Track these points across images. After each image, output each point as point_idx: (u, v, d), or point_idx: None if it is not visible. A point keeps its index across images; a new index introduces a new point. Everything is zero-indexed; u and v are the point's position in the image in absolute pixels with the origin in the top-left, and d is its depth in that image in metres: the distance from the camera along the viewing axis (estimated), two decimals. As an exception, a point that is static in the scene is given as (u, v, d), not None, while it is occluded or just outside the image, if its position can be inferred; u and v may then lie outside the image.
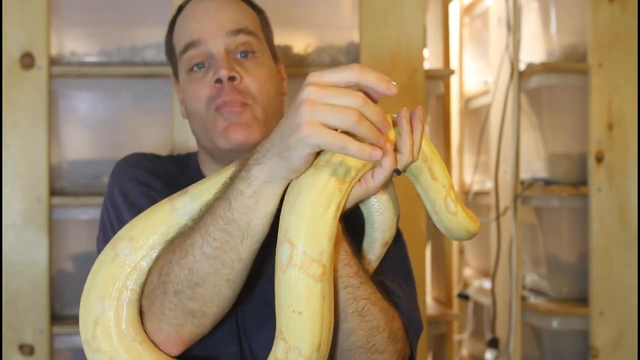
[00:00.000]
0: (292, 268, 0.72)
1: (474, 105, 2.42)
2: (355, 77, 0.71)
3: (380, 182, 0.77)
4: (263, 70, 1.04)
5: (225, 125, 1.00)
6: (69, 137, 1.74)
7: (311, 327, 0.73)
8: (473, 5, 2.39)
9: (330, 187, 0.73)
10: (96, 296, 0.80)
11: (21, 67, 1.64)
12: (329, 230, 0.74)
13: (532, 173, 2.02)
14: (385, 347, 0.87)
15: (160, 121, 1.74)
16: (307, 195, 0.73)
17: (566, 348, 1.92)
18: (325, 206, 0.73)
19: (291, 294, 0.73)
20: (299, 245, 0.72)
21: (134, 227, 0.83)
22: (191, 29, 1.04)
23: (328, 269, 0.74)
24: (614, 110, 1.85)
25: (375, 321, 0.86)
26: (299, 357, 0.74)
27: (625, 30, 1.84)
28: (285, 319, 0.74)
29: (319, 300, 0.73)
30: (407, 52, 1.72)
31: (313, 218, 0.73)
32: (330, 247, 0.74)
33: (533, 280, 2.06)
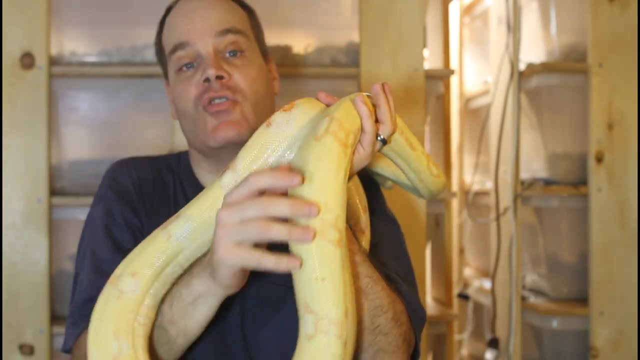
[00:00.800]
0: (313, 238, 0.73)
1: (474, 105, 2.42)
2: (252, 188, 0.74)
3: (370, 147, 0.82)
4: (252, 68, 1.04)
5: (215, 124, 1.00)
6: (69, 137, 1.74)
7: (336, 292, 0.74)
8: (473, 5, 2.40)
9: (336, 153, 0.76)
10: (109, 335, 0.79)
11: (21, 67, 1.64)
12: (341, 195, 0.76)
13: (532, 173, 2.02)
14: (389, 328, 0.87)
15: (160, 121, 1.73)
16: (315, 164, 0.75)
17: (566, 348, 1.92)
18: (335, 172, 0.76)
19: (315, 261, 0.74)
20: (318, 215, 0.74)
21: (132, 262, 0.82)
22: (180, 30, 1.04)
23: (344, 234, 0.76)
24: (614, 110, 1.85)
25: (378, 300, 0.86)
26: (330, 324, 0.73)
27: (625, 30, 1.84)
28: (309, 290, 0.74)
29: (339, 265, 0.75)
30: (407, 52, 1.72)
31: (326, 185, 0.75)
32: (344, 213, 0.76)
33: (533, 280, 2.06)
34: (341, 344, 0.73)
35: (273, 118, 0.83)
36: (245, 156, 0.82)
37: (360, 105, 0.82)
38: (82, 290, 0.98)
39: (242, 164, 0.82)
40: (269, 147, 0.82)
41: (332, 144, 0.76)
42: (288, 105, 0.84)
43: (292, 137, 0.82)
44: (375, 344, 0.86)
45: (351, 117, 0.80)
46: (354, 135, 0.80)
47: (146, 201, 1.06)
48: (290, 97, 1.17)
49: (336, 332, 0.73)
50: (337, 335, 0.73)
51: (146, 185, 1.07)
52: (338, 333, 0.73)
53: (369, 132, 0.82)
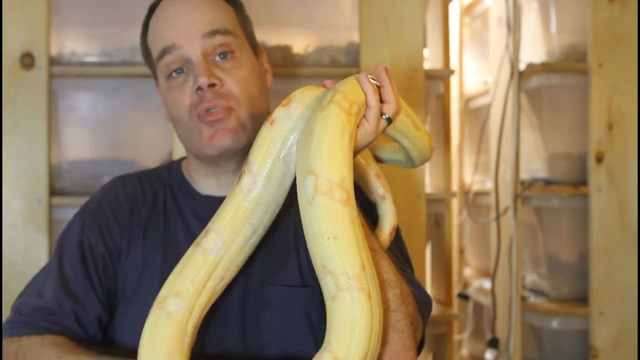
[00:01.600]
0: (320, 196, 0.76)
1: (474, 105, 2.42)
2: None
3: (374, 122, 0.85)
4: (244, 70, 1.02)
5: (211, 133, 1.00)
6: (69, 137, 1.74)
7: (350, 247, 0.76)
8: (473, 5, 2.40)
9: (340, 118, 0.79)
10: (163, 357, 0.80)
11: (21, 67, 1.64)
12: (347, 158, 0.79)
13: (532, 173, 2.02)
14: (397, 305, 0.87)
15: (160, 121, 1.73)
16: (321, 129, 0.78)
17: (566, 348, 1.92)
18: (340, 135, 0.79)
19: (323, 221, 0.76)
20: (323, 174, 0.77)
21: (175, 283, 0.84)
22: (165, 34, 1.02)
23: (351, 195, 0.78)
24: (614, 110, 1.85)
25: (385, 275, 0.87)
26: (349, 280, 0.75)
27: (625, 30, 1.84)
28: (323, 250, 0.76)
29: (349, 223, 0.77)
30: (407, 52, 1.72)
31: (331, 148, 0.78)
32: (350, 175, 0.79)
33: (533, 280, 2.06)
34: (365, 297, 0.74)
35: (274, 115, 0.86)
36: (257, 156, 0.86)
37: (364, 81, 0.84)
38: (43, 295, 0.99)
39: (256, 165, 0.85)
40: (277, 143, 0.85)
41: (336, 110, 0.79)
42: (285, 99, 0.87)
43: (296, 128, 0.85)
44: (384, 320, 0.86)
45: (355, 91, 0.83)
46: (358, 106, 0.83)
47: (135, 217, 1.06)
48: (289, 96, 1.17)
49: (357, 286, 0.74)
50: (359, 289, 0.74)
51: (136, 202, 1.08)
52: (359, 287, 0.74)
53: (373, 107, 0.84)
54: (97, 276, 1.01)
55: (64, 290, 0.98)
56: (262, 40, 1.69)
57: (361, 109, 0.84)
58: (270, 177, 0.86)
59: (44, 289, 0.99)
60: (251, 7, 1.14)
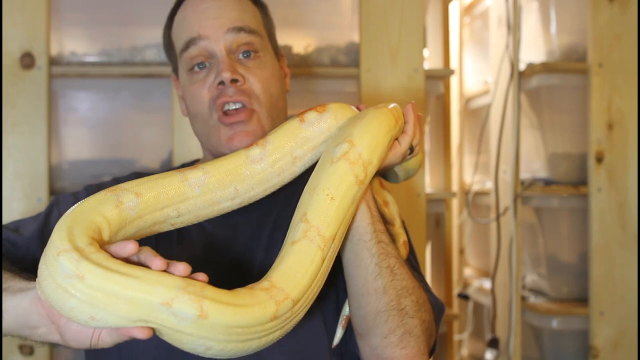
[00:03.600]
0: (344, 161, 0.82)
1: (474, 105, 2.42)
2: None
3: (406, 147, 0.92)
4: (266, 71, 1.03)
5: (230, 135, 1.00)
6: (69, 137, 1.74)
7: (335, 213, 0.79)
8: (473, 5, 2.39)
9: (389, 122, 0.90)
10: (82, 231, 0.72)
11: (21, 67, 1.64)
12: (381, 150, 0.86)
13: (532, 173, 2.02)
14: (414, 312, 0.88)
15: (160, 121, 1.73)
16: (374, 117, 0.88)
17: (566, 348, 1.92)
18: (386, 132, 0.88)
19: (332, 180, 0.81)
20: (358, 147, 0.83)
21: (141, 184, 0.81)
22: (191, 26, 1.03)
23: (366, 181, 0.84)
24: (614, 110, 1.85)
25: (404, 282, 0.88)
26: (317, 236, 0.77)
27: (625, 30, 1.84)
28: (316, 201, 0.80)
29: (351, 197, 0.81)
30: (407, 52, 1.72)
31: (376, 134, 0.86)
32: (377, 164, 0.86)
33: (533, 280, 2.06)
34: (320, 257, 0.76)
35: (306, 116, 0.90)
36: (275, 140, 0.89)
37: (410, 111, 0.94)
38: (17, 229, 1.02)
39: (271, 145, 0.88)
40: (297, 142, 0.89)
41: (387, 113, 0.90)
42: (321, 106, 0.92)
43: (318, 137, 0.90)
44: (402, 325, 0.87)
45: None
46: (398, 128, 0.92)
47: None
48: (291, 96, 1.17)
49: (321, 244, 0.77)
50: (320, 247, 0.77)
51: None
52: (322, 245, 0.77)
53: (409, 136, 0.92)
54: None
55: (39, 234, 1.00)
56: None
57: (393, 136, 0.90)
58: (275, 163, 0.88)
59: (22, 226, 1.02)
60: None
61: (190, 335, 0.67)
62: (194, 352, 0.70)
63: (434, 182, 2.08)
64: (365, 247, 0.87)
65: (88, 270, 0.66)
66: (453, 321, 2.17)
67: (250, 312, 0.69)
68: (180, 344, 0.69)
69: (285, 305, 0.72)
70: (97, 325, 0.67)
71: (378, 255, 0.87)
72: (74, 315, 0.68)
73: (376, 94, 1.70)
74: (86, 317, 0.67)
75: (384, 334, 0.87)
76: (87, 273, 0.66)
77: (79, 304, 0.66)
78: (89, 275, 0.66)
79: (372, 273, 0.86)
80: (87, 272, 0.66)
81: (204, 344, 0.68)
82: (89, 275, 0.66)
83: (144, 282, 0.66)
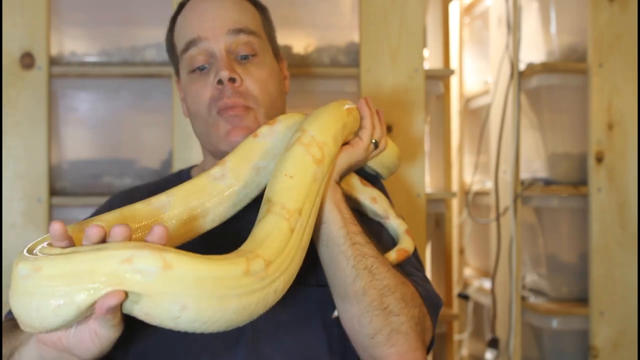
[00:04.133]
0: (298, 144, 0.86)
1: (474, 105, 2.42)
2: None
3: (367, 140, 0.95)
4: (264, 72, 1.04)
5: (228, 129, 1.02)
6: (69, 137, 1.74)
7: (297, 189, 0.81)
8: (473, 5, 2.39)
9: (340, 113, 0.94)
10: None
11: (21, 67, 1.64)
12: (335, 133, 0.90)
13: (532, 173, 2.02)
14: (400, 309, 0.88)
15: (160, 121, 1.73)
16: (322, 110, 0.92)
17: (566, 348, 1.92)
18: (336, 119, 0.91)
19: (289, 161, 0.84)
20: (309, 131, 0.87)
21: (111, 219, 0.83)
22: (192, 27, 1.04)
23: (326, 160, 0.87)
24: (614, 110, 1.85)
25: (385, 280, 0.88)
26: (281, 209, 0.78)
27: (625, 30, 1.84)
28: (276, 183, 0.82)
29: (311, 174, 0.84)
30: (407, 52, 1.72)
31: (326, 120, 0.90)
32: (334, 145, 0.89)
33: (533, 280, 2.06)
34: (287, 227, 0.77)
35: (259, 130, 0.95)
36: (233, 157, 0.93)
37: (364, 105, 0.96)
38: None
39: (230, 162, 0.92)
40: (256, 153, 0.93)
41: (339, 106, 0.94)
42: (272, 120, 0.96)
43: (275, 145, 0.93)
44: (388, 324, 0.87)
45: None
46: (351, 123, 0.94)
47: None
48: (291, 96, 1.17)
49: (286, 216, 0.78)
50: (286, 218, 0.78)
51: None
52: (287, 217, 0.78)
53: (368, 129, 0.96)
54: None
55: None
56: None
57: (353, 126, 0.94)
58: (239, 176, 0.91)
59: None
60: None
61: (160, 293, 0.64)
62: (171, 320, 0.66)
63: (434, 182, 2.08)
64: (340, 251, 0.87)
65: (44, 261, 0.65)
66: (453, 321, 2.17)
67: (219, 264, 0.67)
68: (155, 313, 0.65)
69: (257, 262, 0.70)
70: (68, 315, 0.64)
71: (354, 257, 0.87)
72: (43, 317, 0.64)
73: (376, 94, 1.70)
74: (53, 310, 0.64)
75: (371, 334, 0.87)
76: (43, 264, 0.65)
77: (41, 298, 0.64)
78: (45, 265, 0.64)
79: (350, 276, 0.87)
80: (43, 263, 0.65)
81: (177, 302, 0.64)
82: (46, 265, 0.64)
83: (101, 250, 0.64)
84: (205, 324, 0.67)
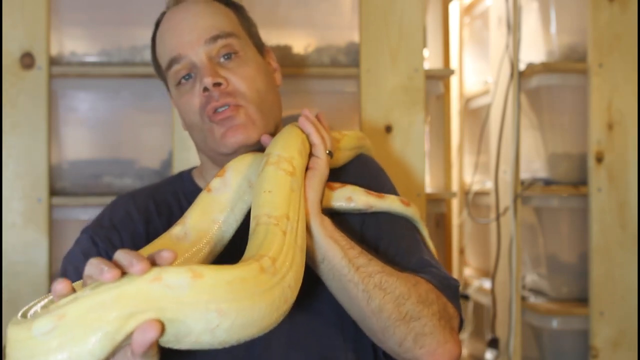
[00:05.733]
0: (268, 165, 0.88)
1: (474, 105, 2.42)
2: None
3: (323, 155, 0.96)
4: (249, 68, 1.05)
5: (223, 132, 1.02)
6: (69, 137, 1.74)
7: (279, 199, 0.84)
8: (473, 5, 2.39)
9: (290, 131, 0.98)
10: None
11: (21, 67, 1.64)
12: (297, 147, 0.93)
13: (532, 173, 2.02)
14: (418, 312, 0.89)
15: (160, 121, 1.73)
16: (277, 139, 0.95)
17: (566, 348, 1.92)
18: (294, 141, 0.94)
19: (265, 180, 0.87)
20: (275, 152, 0.90)
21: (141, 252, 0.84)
22: (170, 45, 1.05)
23: (298, 172, 0.90)
24: (614, 110, 1.85)
25: (397, 290, 0.89)
26: (270, 218, 0.81)
27: (625, 30, 1.84)
28: (258, 200, 0.85)
29: (287, 185, 0.86)
30: (407, 52, 1.72)
31: (285, 141, 0.93)
32: (301, 159, 0.92)
33: (533, 280, 2.06)
34: (280, 231, 0.79)
35: (211, 185, 0.94)
36: (192, 216, 0.92)
37: (305, 124, 0.97)
38: None
39: (191, 220, 0.91)
40: (215, 209, 0.92)
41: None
42: (221, 170, 0.96)
43: (231, 196, 0.93)
44: (411, 330, 0.88)
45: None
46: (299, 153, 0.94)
47: (151, 232, 1.06)
48: (291, 96, 1.17)
49: (274, 222, 0.80)
50: (275, 224, 0.80)
51: (150, 216, 1.09)
52: (275, 223, 0.80)
53: (318, 144, 0.96)
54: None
55: None
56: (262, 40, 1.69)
57: (303, 153, 0.95)
58: (200, 237, 0.90)
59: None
60: (251, 7, 1.15)
61: (195, 305, 0.62)
62: (208, 333, 0.64)
63: (434, 182, 2.08)
64: (347, 280, 0.88)
65: (64, 308, 0.60)
66: (453, 321, 2.17)
67: (238, 268, 0.68)
68: (191, 325, 0.63)
69: (265, 260, 0.72)
70: (105, 348, 0.60)
71: (362, 281, 0.88)
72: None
73: (376, 94, 1.70)
74: (90, 350, 0.60)
75: (398, 343, 0.89)
76: (66, 310, 0.60)
77: (75, 343, 0.59)
78: (68, 310, 0.60)
79: (363, 299, 0.88)
80: (65, 309, 0.60)
81: (214, 309, 0.63)
82: (69, 310, 0.60)
83: (126, 277, 0.63)
84: (242, 328, 0.66)
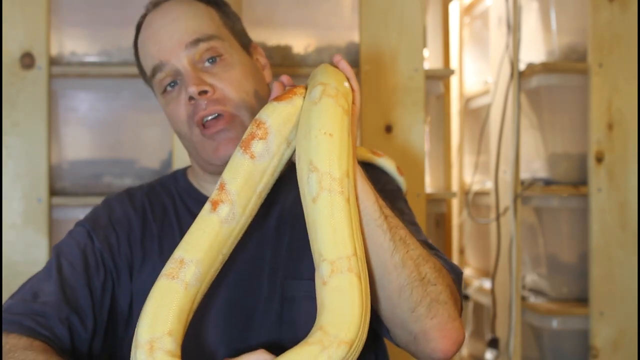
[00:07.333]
0: (325, 97, 0.81)
1: (474, 105, 2.42)
2: None
3: (359, 102, 0.90)
4: (235, 71, 1.02)
5: (215, 146, 1.00)
6: (69, 137, 1.74)
7: (340, 148, 0.78)
8: (473, 5, 2.40)
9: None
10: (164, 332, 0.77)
11: (21, 67, 1.64)
12: (344, 78, 0.87)
13: (532, 173, 2.02)
14: (435, 278, 0.87)
15: (160, 121, 1.73)
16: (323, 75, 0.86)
17: (566, 348, 1.92)
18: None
19: (324, 118, 0.79)
20: (330, 83, 0.83)
21: (191, 246, 0.82)
22: (152, 52, 1.03)
23: (349, 112, 0.83)
24: (614, 110, 1.85)
25: (418, 250, 0.88)
26: (332, 181, 0.77)
27: (625, 30, 1.84)
28: (316, 143, 0.78)
29: (346, 128, 0.80)
30: (407, 52, 1.72)
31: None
32: (350, 89, 0.86)
33: (533, 280, 2.06)
34: (344, 199, 0.76)
35: (254, 149, 0.83)
36: (234, 185, 0.83)
37: (345, 66, 0.90)
38: (38, 297, 0.97)
39: (236, 197, 0.83)
40: (255, 178, 0.84)
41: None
42: (262, 130, 0.84)
43: (274, 165, 0.85)
44: (427, 294, 0.86)
45: (340, 81, 0.86)
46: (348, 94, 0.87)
47: (147, 232, 1.05)
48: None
49: (338, 188, 0.77)
50: (339, 191, 0.76)
51: (146, 216, 1.07)
52: (339, 189, 0.77)
53: (357, 90, 0.90)
54: (102, 290, 0.99)
55: (62, 295, 0.96)
56: (262, 40, 1.69)
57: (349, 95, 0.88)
58: (246, 209, 0.84)
59: (40, 291, 0.97)
60: (251, 7, 1.15)
61: None
62: None
63: (434, 182, 2.08)
64: (377, 225, 0.85)
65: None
66: (453, 321, 2.17)
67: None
68: None
69: (341, 350, 0.71)
70: None
71: (389, 230, 0.85)
72: None
73: (376, 94, 1.70)
74: None
75: (412, 307, 0.86)
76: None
77: None
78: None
79: (388, 250, 0.85)
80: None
81: None
82: None
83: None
84: None
